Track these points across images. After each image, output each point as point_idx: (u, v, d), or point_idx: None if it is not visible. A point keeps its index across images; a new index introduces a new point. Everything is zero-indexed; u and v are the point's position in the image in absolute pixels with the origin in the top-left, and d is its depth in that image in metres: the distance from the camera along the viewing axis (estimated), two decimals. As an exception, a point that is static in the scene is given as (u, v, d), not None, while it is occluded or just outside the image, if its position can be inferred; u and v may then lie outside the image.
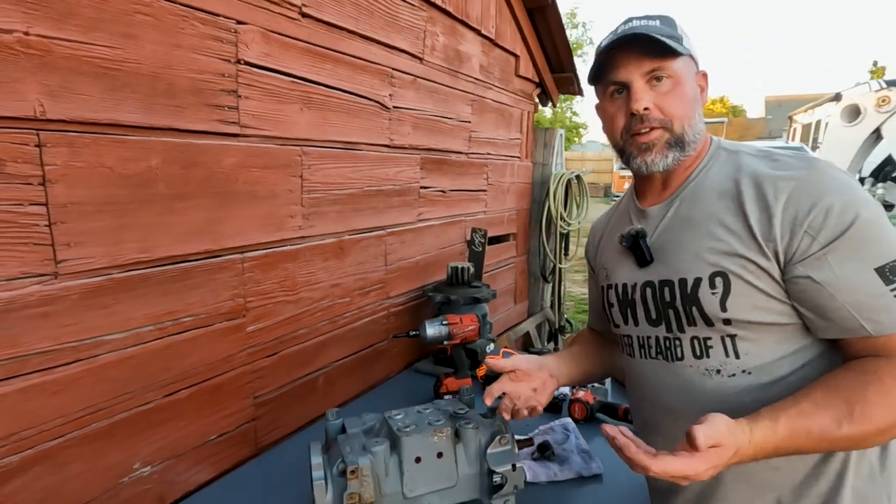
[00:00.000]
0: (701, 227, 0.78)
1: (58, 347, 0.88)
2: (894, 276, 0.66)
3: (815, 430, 0.65)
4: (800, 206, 0.69)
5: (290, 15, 1.23)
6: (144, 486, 1.04)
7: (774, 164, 0.74)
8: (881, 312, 0.66)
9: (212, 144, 1.09)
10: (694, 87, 0.82)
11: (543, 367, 0.99)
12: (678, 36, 0.80)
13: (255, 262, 1.23)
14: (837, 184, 0.70)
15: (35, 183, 0.83)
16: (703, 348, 0.78)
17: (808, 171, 0.71)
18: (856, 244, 0.67)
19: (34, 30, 0.79)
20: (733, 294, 0.73)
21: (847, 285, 0.67)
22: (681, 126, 0.79)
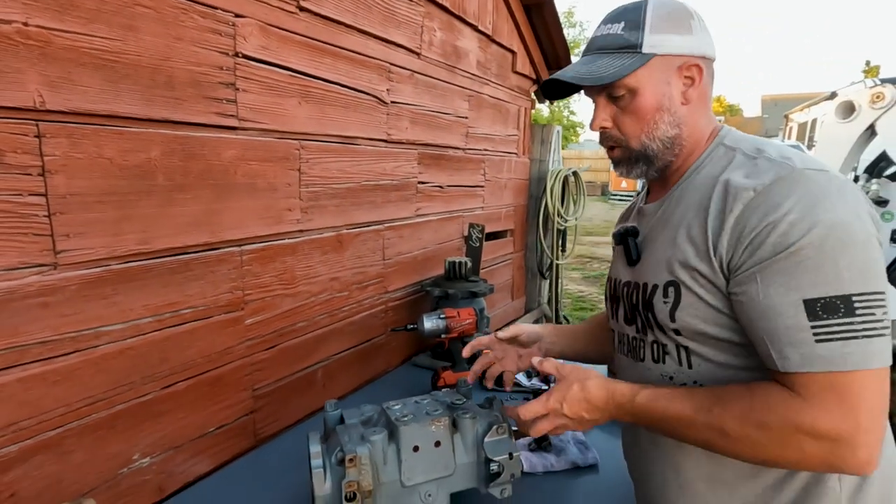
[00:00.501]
0: (671, 233, 0.77)
1: (57, 337, 0.88)
2: (825, 315, 0.59)
3: (673, 409, 0.69)
4: (749, 219, 0.64)
5: (288, 9, 1.24)
6: (144, 476, 1.05)
7: (751, 170, 0.69)
8: (792, 348, 0.61)
9: (210, 137, 1.09)
10: (662, 91, 0.77)
11: (536, 340, 1.12)
12: (634, 43, 0.75)
13: (254, 254, 1.24)
14: (802, 197, 0.62)
15: (34, 173, 0.83)
16: (661, 354, 0.79)
17: (777, 180, 0.64)
18: (791, 268, 0.61)
19: (34, 21, 0.80)
20: (682, 306, 0.72)
21: (767, 311, 0.63)
22: (638, 143, 0.79)
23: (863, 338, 0.59)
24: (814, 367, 0.60)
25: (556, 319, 3.42)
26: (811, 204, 0.61)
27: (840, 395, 0.59)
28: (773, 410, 0.62)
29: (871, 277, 0.60)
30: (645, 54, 0.75)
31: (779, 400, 0.62)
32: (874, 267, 0.61)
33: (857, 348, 0.59)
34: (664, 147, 0.79)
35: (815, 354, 0.60)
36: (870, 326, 0.59)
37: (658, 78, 0.77)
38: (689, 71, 0.78)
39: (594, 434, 1.30)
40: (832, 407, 0.59)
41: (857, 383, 0.59)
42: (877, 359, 0.59)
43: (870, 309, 0.59)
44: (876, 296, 0.60)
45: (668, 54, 0.76)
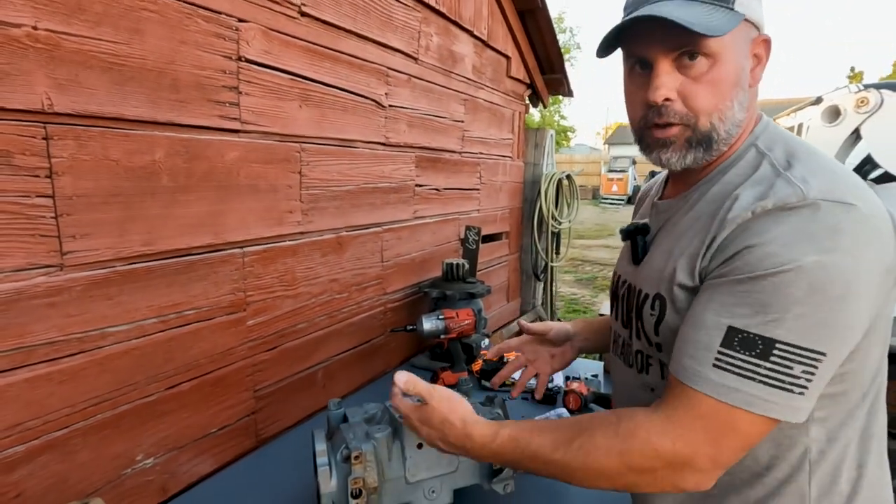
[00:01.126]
0: (675, 241, 0.71)
1: (64, 338, 0.89)
2: (739, 349, 0.57)
3: (533, 447, 0.66)
4: (735, 239, 0.60)
5: (290, 14, 1.26)
6: (147, 476, 1.05)
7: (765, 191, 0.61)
8: (691, 360, 0.60)
9: (214, 139, 1.11)
10: (741, 64, 0.65)
11: (569, 338, 1.05)
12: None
13: (256, 256, 1.25)
14: (793, 231, 0.56)
15: (42, 175, 0.84)
16: (645, 364, 0.77)
17: (777, 206, 0.58)
18: (738, 294, 0.58)
19: (42, 24, 0.81)
20: (665, 321, 0.69)
21: (695, 321, 0.61)
22: (708, 122, 0.66)
23: (760, 383, 0.56)
24: (698, 385, 0.59)
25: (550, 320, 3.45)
26: (799, 240, 0.55)
27: (708, 424, 0.59)
28: (636, 435, 0.61)
29: (821, 337, 0.55)
30: (737, 13, 0.62)
31: (645, 423, 0.61)
32: (830, 327, 0.55)
33: (749, 388, 0.56)
34: (727, 134, 0.67)
35: (704, 375, 0.59)
36: (776, 377, 0.56)
37: (741, 47, 0.65)
38: (758, 47, 0.67)
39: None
40: (696, 433, 0.59)
41: (730, 419, 0.58)
42: (762, 406, 0.56)
43: (789, 362, 0.55)
44: (809, 354, 0.55)
45: (752, 21, 0.64)
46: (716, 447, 0.59)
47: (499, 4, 2.41)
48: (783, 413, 0.57)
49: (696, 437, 0.59)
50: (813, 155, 0.65)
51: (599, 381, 1.55)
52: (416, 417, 0.78)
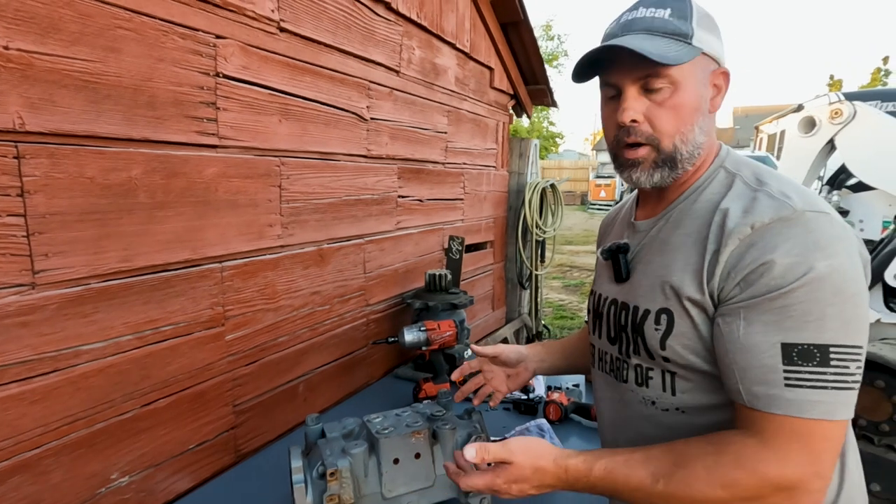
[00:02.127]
0: (668, 256, 0.74)
1: (36, 357, 0.88)
2: (800, 361, 0.59)
3: (633, 480, 0.66)
4: (744, 256, 0.63)
5: (268, 30, 1.27)
6: (123, 495, 1.04)
7: (750, 205, 0.66)
8: (761, 386, 0.62)
9: (192, 155, 1.11)
10: (700, 92, 0.72)
11: (522, 359, 1.10)
12: (686, 32, 0.69)
13: (235, 270, 1.25)
14: (800, 241, 0.61)
15: (13, 194, 0.84)
16: (644, 378, 0.78)
17: (776, 220, 0.63)
18: (777, 310, 0.61)
19: (14, 44, 0.81)
20: (674, 335, 0.71)
21: (746, 346, 0.63)
22: (671, 144, 0.72)
23: (832, 389, 0.59)
24: (779, 409, 0.60)
25: (536, 328, 3.47)
26: (808, 249, 0.60)
27: (804, 443, 0.60)
28: (743, 466, 0.61)
29: (854, 331, 0.60)
30: (695, 47, 0.69)
31: (747, 453, 0.62)
32: (859, 320, 0.60)
33: (825, 398, 0.59)
34: (690, 155, 0.73)
35: (782, 397, 0.60)
36: (841, 379, 0.59)
37: (699, 77, 0.72)
38: (717, 78, 0.74)
39: (573, 443, 1.33)
40: (798, 456, 0.60)
41: (820, 432, 0.60)
42: (841, 411, 0.59)
43: (844, 362, 0.59)
44: (854, 349, 0.60)
45: (709, 55, 0.71)
46: (819, 463, 0.60)
47: (481, 17, 2.45)
48: (852, 411, 0.61)
49: (799, 458, 0.60)
50: (775, 175, 0.72)
51: (581, 392, 1.57)
52: (504, 481, 0.73)
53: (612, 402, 0.87)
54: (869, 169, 2.29)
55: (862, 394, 2.00)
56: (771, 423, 0.61)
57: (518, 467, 0.72)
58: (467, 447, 0.74)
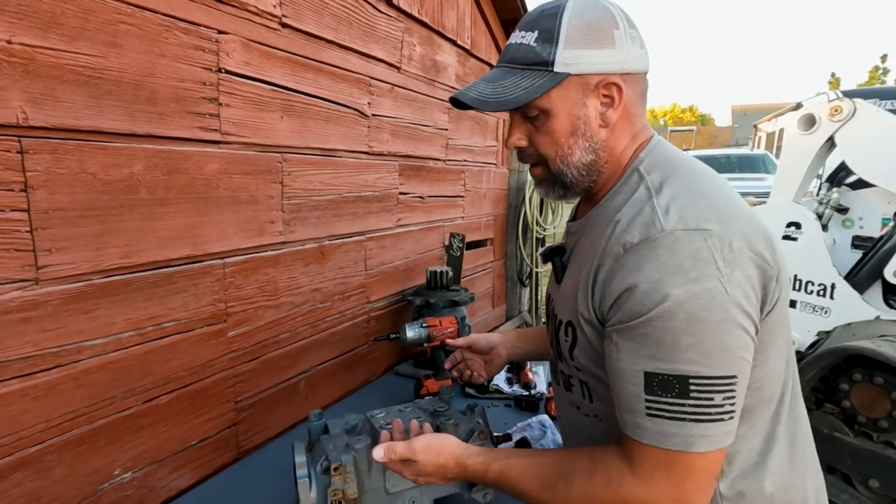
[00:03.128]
0: (577, 269, 0.74)
1: (38, 353, 0.88)
2: (660, 392, 0.59)
3: (523, 486, 0.72)
4: (614, 279, 0.64)
5: (270, 25, 1.26)
6: (125, 492, 1.04)
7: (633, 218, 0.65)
8: (629, 414, 0.63)
9: (193, 151, 1.11)
10: (576, 114, 0.70)
11: (493, 346, 1.18)
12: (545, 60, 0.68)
13: (236, 267, 1.25)
14: (661, 264, 0.59)
15: (17, 189, 0.83)
16: (568, 384, 0.81)
17: (642, 241, 0.62)
18: (639, 337, 0.60)
19: (17, 38, 0.80)
20: (578, 346, 0.73)
21: (616, 371, 0.64)
22: (555, 166, 0.74)
23: (690, 421, 0.58)
24: (642, 437, 0.62)
25: (535, 326, 3.47)
26: (668, 273, 0.58)
27: (666, 471, 0.61)
28: (609, 488, 0.64)
29: (716, 361, 0.57)
30: (557, 73, 0.68)
31: (616, 476, 0.64)
32: (723, 349, 0.58)
33: (683, 430, 0.58)
34: (580, 174, 0.74)
35: (644, 426, 0.61)
36: (701, 411, 0.58)
37: (573, 99, 0.70)
38: (607, 90, 0.70)
39: (573, 438, 1.34)
40: (661, 485, 0.61)
41: (682, 462, 0.60)
42: (703, 443, 0.58)
43: (707, 393, 0.57)
44: (719, 381, 0.57)
45: (584, 73, 0.68)
46: (681, 492, 0.61)
47: (482, 14, 2.44)
48: (722, 441, 0.60)
49: (663, 487, 0.61)
50: (685, 177, 0.68)
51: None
52: (410, 474, 0.82)
53: (557, 402, 0.93)
54: (869, 166, 2.30)
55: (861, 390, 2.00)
56: (638, 451, 0.63)
57: (421, 464, 0.80)
58: (376, 448, 0.83)
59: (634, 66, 0.71)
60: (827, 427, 2.00)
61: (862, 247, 2.47)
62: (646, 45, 0.74)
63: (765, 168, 9.02)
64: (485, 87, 0.72)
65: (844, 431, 1.97)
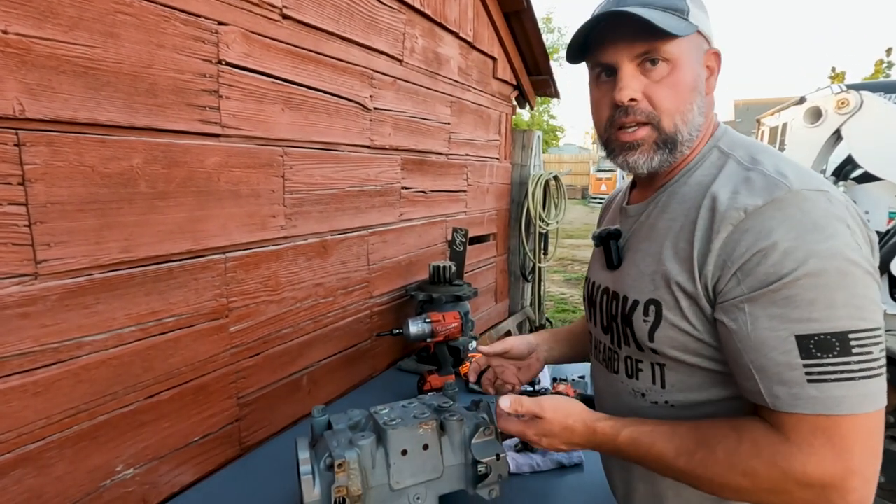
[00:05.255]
0: (657, 243, 0.71)
1: (38, 348, 0.87)
2: (819, 353, 0.55)
3: (656, 451, 0.66)
4: (739, 244, 0.60)
5: (271, 16, 1.24)
6: (127, 488, 1.03)
7: (742, 186, 0.63)
8: (782, 386, 0.57)
9: (193, 144, 1.09)
10: (697, 71, 0.69)
11: (532, 350, 1.07)
12: (682, 7, 0.66)
13: (238, 262, 1.23)
14: (798, 223, 0.57)
15: (14, 182, 0.82)
16: (635, 370, 0.76)
17: (771, 201, 0.59)
18: (783, 301, 0.57)
19: (13, 28, 0.79)
20: (662, 327, 0.68)
21: (756, 344, 0.58)
22: (672, 123, 0.69)
23: (859, 379, 0.54)
24: (805, 408, 0.56)
25: (539, 321, 3.46)
26: (807, 231, 0.56)
27: (831, 439, 0.55)
28: (761, 456, 0.58)
29: (869, 313, 0.56)
30: (691, 23, 0.66)
31: (766, 444, 0.59)
32: (872, 301, 0.56)
33: (852, 391, 0.54)
34: (689, 136, 0.70)
35: (806, 395, 0.56)
36: (867, 367, 0.54)
37: (695, 56, 0.69)
38: (710, 59, 0.72)
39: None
40: (823, 452, 0.56)
41: (850, 427, 0.55)
42: (872, 401, 0.55)
43: (867, 347, 0.55)
44: (873, 333, 0.55)
45: (704, 33, 0.69)
46: (849, 459, 0.55)
47: (484, 6, 2.41)
48: (884, 399, 0.56)
49: (825, 454, 0.56)
50: (772, 152, 0.68)
51: (586, 383, 1.56)
52: (534, 433, 0.77)
53: (605, 393, 0.86)
54: (875, 159, 2.27)
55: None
56: (796, 423, 0.57)
57: (548, 422, 0.75)
58: (503, 398, 0.78)
59: (714, 44, 0.73)
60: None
61: (868, 241, 2.44)
62: None
63: (768, 162, 8.96)
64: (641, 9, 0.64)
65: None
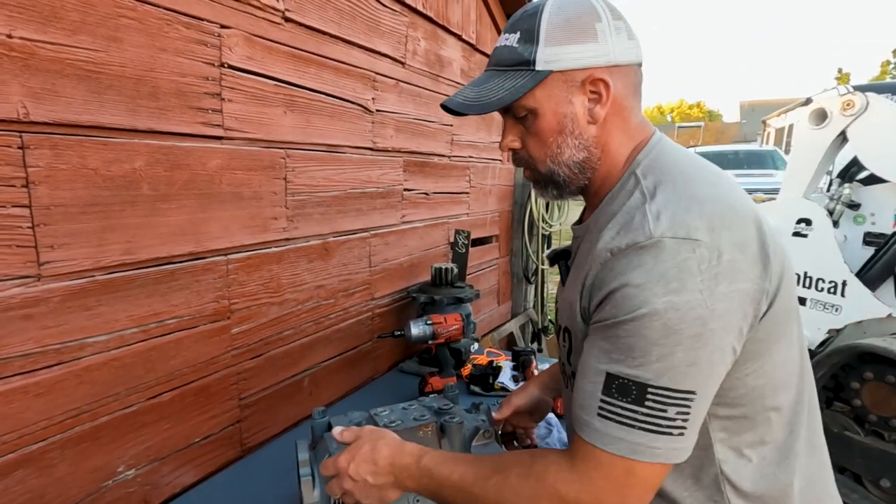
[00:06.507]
0: (579, 270, 0.72)
1: (40, 350, 0.88)
2: (617, 395, 0.58)
3: (455, 477, 0.69)
4: (603, 281, 0.62)
5: (273, 19, 1.25)
6: (128, 489, 1.04)
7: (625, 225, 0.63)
8: (581, 410, 0.62)
9: (196, 147, 1.10)
10: (562, 113, 0.70)
11: (538, 399, 1.08)
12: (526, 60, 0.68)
13: (240, 263, 1.24)
14: (646, 270, 0.58)
15: (18, 185, 0.83)
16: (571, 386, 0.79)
17: (630, 246, 0.60)
18: (611, 338, 0.60)
19: (17, 32, 0.80)
20: (573, 352, 0.72)
21: (583, 368, 0.64)
22: (545, 167, 0.73)
23: (639, 429, 0.57)
24: (588, 436, 0.61)
25: (541, 323, 3.45)
26: (652, 280, 0.57)
27: (605, 473, 0.60)
28: (546, 481, 0.62)
29: (683, 375, 0.56)
30: (539, 72, 0.68)
31: (555, 470, 0.63)
32: (694, 365, 0.56)
33: (630, 436, 0.58)
34: (572, 172, 0.73)
35: (591, 425, 0.60)
36: (654, 421, 0.57)
37: (559, 97, 0.69)
38: (594, 86, 0.69)
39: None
40: (597, 483, 0.60)
41: (624, 467, 0.59)
42: (648, 453, 0.58)
43: (663, 405, 0.57)
44: (679, 395, 0.56)
45: (566, 69, 0.68)
46: (619, 496, 0.60)
47: (487, 8, 2.42)
48: (668, 456, 0.59)
49: (598, 487, 0.60)
50: (680, 181, 0.65)
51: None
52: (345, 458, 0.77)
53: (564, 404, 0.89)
54: (881, 161, 2.26)
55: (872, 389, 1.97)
56: (581, 448, 0.62)
57: (362, 440, 0.78)
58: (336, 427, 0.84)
59: (622, 58, 0.69)
60: (837, 426, 1.97)
61: (874, 243, 2.43)
62: (636, 35, 0.72)
63: (773, 164, 8.93)
64: (470, 92, 0.73)
65: (855, 430, 1.94)
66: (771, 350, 0.64)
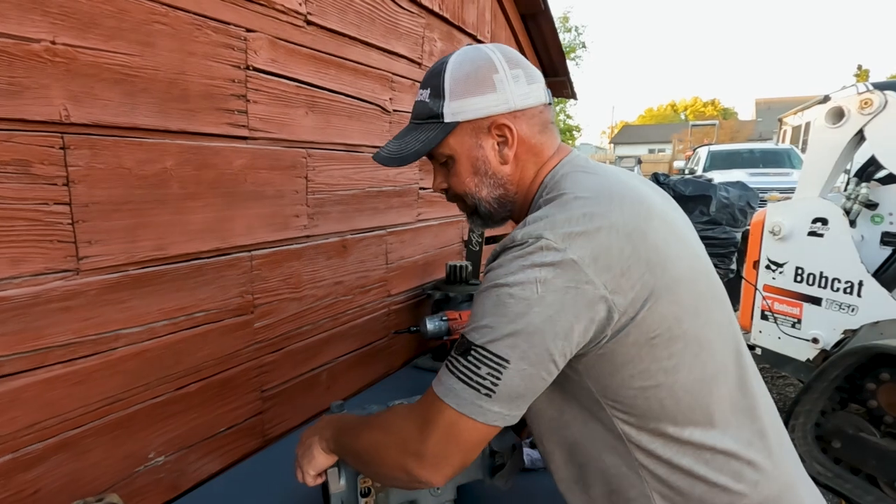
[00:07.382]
0: None
1: (78, 340, 0.92)
2: (457, 351, 0.66)
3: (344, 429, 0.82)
4: None
5: (296, 23, 1.28)
6: (158, 474, 1.08)
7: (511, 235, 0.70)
8: None
9: (222, 147, 1.14)
10: (475, 156, 0.78)
11: None
12: (436, 113, 0.76)
13: (263, 259, 1.28)
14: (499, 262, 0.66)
15: (59, 183, 0.87)
16: None
17: (500, 246, 0.69)
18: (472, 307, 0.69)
19: (60, 39, 0.84)
20: None
21: None
22: (470, 200, 0.82)
23: (456, 377, 0.64)
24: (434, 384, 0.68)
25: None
26: (500, 266, 0.66)
27: (422, 412, 0.67)
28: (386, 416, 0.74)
29: (503, 345, 0.62)
30: (448, 123, 0.76)
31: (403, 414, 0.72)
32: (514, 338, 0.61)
33: (447, 380, 0.65)
34: (492, 206, 0.82)
35: (439, 376, 0.68)
36: (467, 373, 0.63)
37: (469, 143, 0.78)
38: (499, 130, 0.76)
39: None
40: (414, 418, 0.68)
41: (434, 407, 0.65)
42: (453, 399, 0.63)
43: (479, 363, 0.63)
44: (493, 359, 0.62)
45: (471, 119, 0.76)
46: (420, 432, 0.66)
47: (502, 8, 2.44)
48: (471, 410, 0.63)
49: (412, 422, 0.68)
50: (563, 199, 0.69)
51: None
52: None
53: None
54: (899, 161, 2.23)
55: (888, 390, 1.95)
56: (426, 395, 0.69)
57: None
58: None
59: (521, 103, 0.76)
60: (852, 427, 1.96)
61: (891, 243, 2.40)
62: (536, 78, 0.78)
63: (790, 163, 8.79)
64: (393, 146, 0.83)
65: (870, 432, 1.93)
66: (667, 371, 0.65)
